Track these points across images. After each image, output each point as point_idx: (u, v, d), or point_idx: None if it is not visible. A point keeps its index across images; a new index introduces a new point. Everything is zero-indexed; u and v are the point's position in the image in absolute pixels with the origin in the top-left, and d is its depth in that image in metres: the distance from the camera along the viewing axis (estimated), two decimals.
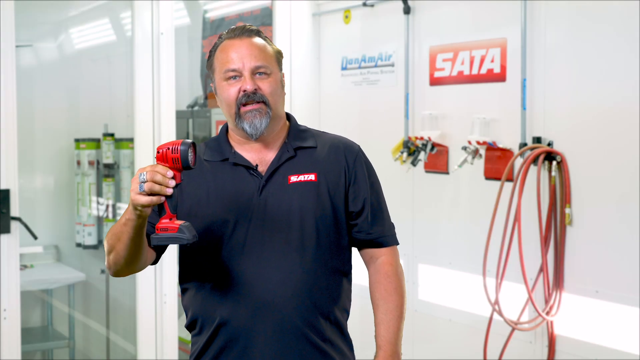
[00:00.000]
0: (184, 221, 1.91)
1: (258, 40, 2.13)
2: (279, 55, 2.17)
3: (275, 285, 2.06)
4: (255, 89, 2.07)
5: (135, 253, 2.01)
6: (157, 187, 1.84)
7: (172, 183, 1.86)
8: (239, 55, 2.08)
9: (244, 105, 2.07)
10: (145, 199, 1.85)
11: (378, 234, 2.20)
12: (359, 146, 2.25)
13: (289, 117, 2.24)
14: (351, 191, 2.17)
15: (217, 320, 2.09)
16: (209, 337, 2.11)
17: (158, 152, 1.89)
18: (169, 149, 1.87)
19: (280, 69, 2.17)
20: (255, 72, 2.08)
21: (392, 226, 2.24)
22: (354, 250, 2.25)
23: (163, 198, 1.86)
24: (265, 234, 2.08)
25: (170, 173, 1.86)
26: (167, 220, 1.89)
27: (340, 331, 2.17)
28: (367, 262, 2.23)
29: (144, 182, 1.83)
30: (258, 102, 2.07)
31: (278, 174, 2.12)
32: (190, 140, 1.88)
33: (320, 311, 2.11)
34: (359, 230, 2.19)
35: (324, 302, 2.11)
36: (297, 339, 2.08)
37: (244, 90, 2.06)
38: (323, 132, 2.27)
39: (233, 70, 2.08)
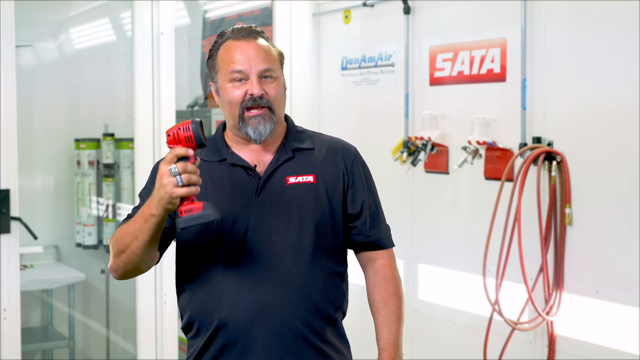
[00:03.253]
0: (204, 202, 1.90)
1: (263, 42, 2.10)
2: (281, 58, 2.14)
3: (273, 287, 2.06)
4: (262, 94, 2.04)
5: (150, 251, 2.00)
6: (194, 177, 1.84)
7: (197, 165, 1.87)
8: (246, 57, 2.04)
9: (248, 109, 2.05)
10: (184, 190, 1.84)
11: (376, 236, 2.20)
12: (355, 148, 2.25)
13: (285, 118, 2.22)
14: (349, 193, 2.16)
15: (215, 323, 2.08)
16: (207, 340, 2.10)
17: (168, 135, 1.88)
18: (180, 129, 1.87)
19: (282, 72, 2.16)
20: (262, 75, 2.05)
21: (388, 228, 2.25)
22: (350, 252, 2.25)
23: (198, 187, 1.86)
24: (263, 235, 2.07)
25: (192, 154, 1.85)
26: (189, 202, 1.88)
27: (337, 332, 2.17)
28: (365, 265, 2.23)
29: (178, 174, 1.83)
30: (263, 107, 2.05)
31: (276, 175, 2.11)
32: (198, 119, 1.88)
33: (318, 312, 2.10)
34: (358, 233, 2.19)
35: (321, 303, 2.11)
36: (296, 340, 2.08)
37: (251, 94, 2.04)
38: (319, 133, 2.26)
39: (239, 72, 2.04)
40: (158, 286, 4.22)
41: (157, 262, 2.14)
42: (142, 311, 4.23)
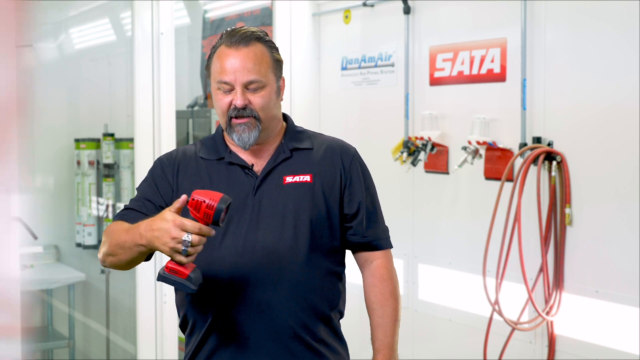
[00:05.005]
0: (194, 266, 1.89)
1: (256, 48, 2.07)
2: (278, 64, 2.12)
3: (268, 286, 2.06)
4: (246, 105, 2.05)
5: (137, 262, 2.02)
6: (199, 248, 1.84)
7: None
8: (232, 68, 2.04)
9: (235, 117, 2.06)
10: (183, 260, 1.84)
11: (373, 237, 2.20)
12: (355, 149, 2.24)
13: (285, 117, 2.23)
14: (346, 194, 2.16)
15: (210, 320, 2.09)
16: (202, 337, 2.11)
17: (192, 198, 1.85)
18: (204, 201, 1.84)
19: (280, 76, 2.13)
20: (247, 86, 2.05)
21: (386, 229, 2.25)
22: (348, 253, 2.25)
23: (195, 256, 1.86)
24: (259, 234, 2.07)
25: (213, 234, 1.85)
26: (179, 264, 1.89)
27: (333, 332, 2.17)
28: (362, 265, 2.23)
29: (189, 245, 1.82)
30: (248, 117, 2.05)
31: (273, 174, 2.12)
32: (230, 199, 1.86)
33: (313, 312, 2.10)
34: (354, 233, 2.18)
35: (317, 302, 2.11)
36: (290, 340, 2.08)
37: (235, 105, 2.05)
38: (319, 133, 2.26)
39: (225, 83, 2.05)
40: (158, 286, 4.22)
41: (149, 258, 2.13)
42: (142, 311, 4.23)
